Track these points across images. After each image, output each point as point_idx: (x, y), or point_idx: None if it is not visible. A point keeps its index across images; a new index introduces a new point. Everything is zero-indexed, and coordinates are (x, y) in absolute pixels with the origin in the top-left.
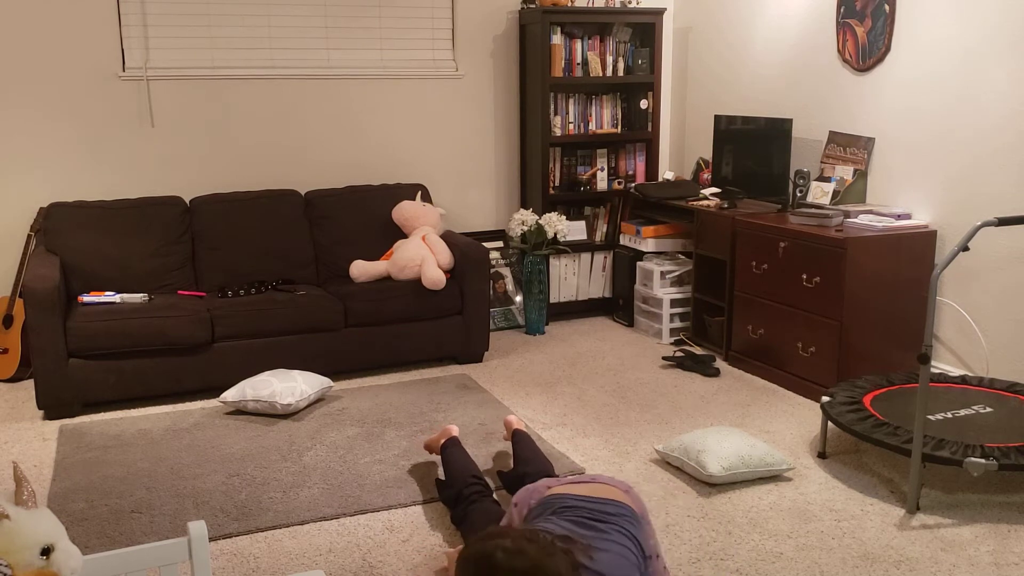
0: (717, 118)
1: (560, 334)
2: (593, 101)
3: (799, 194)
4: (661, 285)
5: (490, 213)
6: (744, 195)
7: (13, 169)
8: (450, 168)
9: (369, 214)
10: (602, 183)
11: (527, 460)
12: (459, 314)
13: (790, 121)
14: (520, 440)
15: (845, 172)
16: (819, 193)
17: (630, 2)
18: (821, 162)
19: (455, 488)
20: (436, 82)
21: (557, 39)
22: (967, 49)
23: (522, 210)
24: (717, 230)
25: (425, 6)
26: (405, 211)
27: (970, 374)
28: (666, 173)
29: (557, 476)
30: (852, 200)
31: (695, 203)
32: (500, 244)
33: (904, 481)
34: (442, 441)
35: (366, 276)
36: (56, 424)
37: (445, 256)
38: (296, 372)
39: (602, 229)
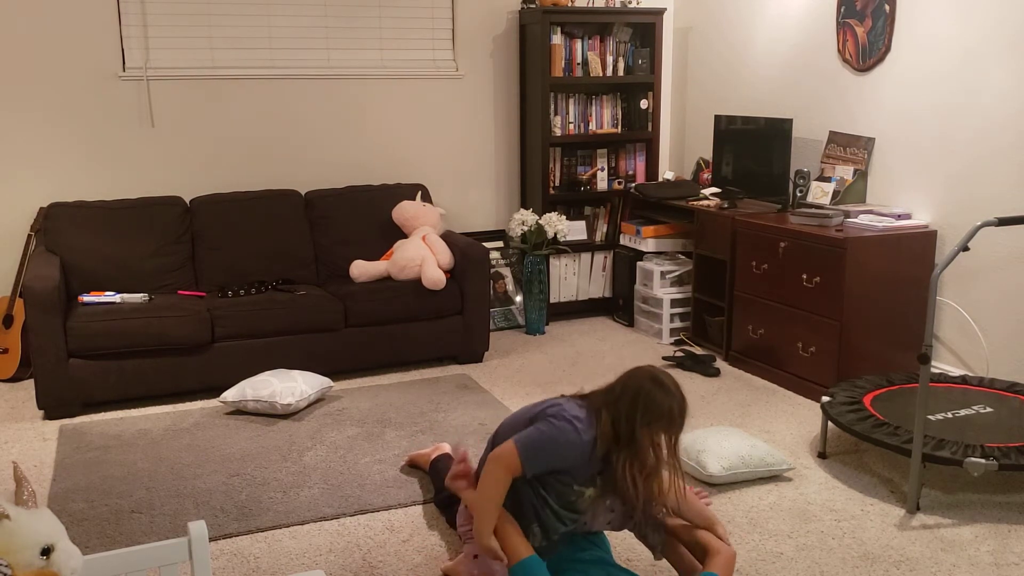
0: (717, 118)
1: (560, 334)
2: (593, 101)
3: (799, 194)
4: (661, 285)
5: (490, 213)
6: (744, 195)
7: (13, 169)
8: (450, 168)
9: (369, 214)
10: (602, 183)
11: None
12: (459, 314)
13: (790, 121)
14: None
15: (845, 172)
16: (819, 193)
17: (630, 2)
18: (821, 162)
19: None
20: (436, 82)
21: (557, 39)
22: (967, 49)
23: (522, 210)
24: (717, 230)
25: (425, 6)
26: (405, 211)
27: (970, 374)
28: (666, 173)
29: None
30: (852, 200)
31: (695, 203)
32: (500, 244)
33: (904, 481)
34: (433, 456)
35: (366, 276)
36: (56, 424)
37: (445, 256)
38: (296, 372)
39: (602, 229)
